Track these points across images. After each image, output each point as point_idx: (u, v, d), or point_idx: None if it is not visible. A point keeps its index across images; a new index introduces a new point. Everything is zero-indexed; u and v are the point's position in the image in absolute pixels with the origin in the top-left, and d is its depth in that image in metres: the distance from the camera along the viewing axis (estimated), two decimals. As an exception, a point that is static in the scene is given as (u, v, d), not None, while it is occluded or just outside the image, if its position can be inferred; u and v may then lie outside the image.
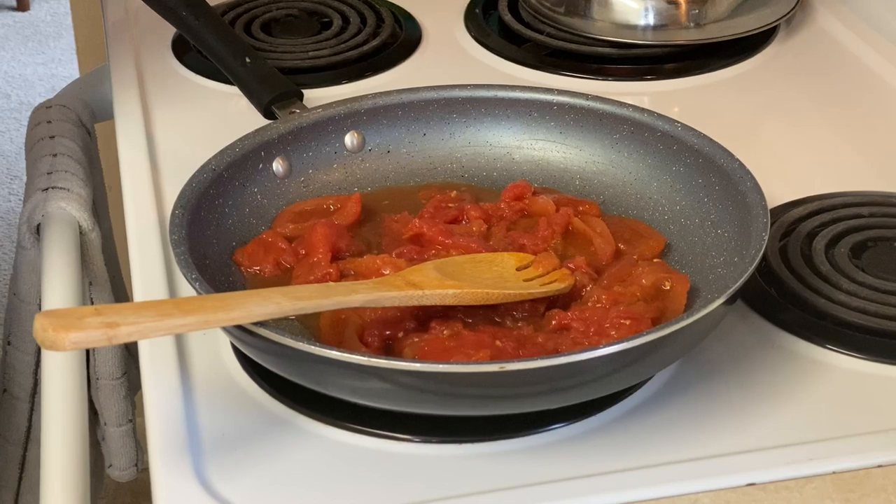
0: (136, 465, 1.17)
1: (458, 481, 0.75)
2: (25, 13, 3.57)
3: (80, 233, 1.08)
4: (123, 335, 0.69)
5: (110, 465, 1.17)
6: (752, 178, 0.86)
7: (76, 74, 2.15)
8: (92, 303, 1.12)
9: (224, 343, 0.84)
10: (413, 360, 0.76)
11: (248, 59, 1.05)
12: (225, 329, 0.77)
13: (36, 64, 3.31)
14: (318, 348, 0.73)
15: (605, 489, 0.74)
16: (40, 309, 1.10)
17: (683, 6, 1.22)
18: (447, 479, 0.75)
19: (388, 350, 0.80)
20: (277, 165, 0.94)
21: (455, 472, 0.75)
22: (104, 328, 0.68)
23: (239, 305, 0.73)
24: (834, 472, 0.74)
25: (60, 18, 3.51)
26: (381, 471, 0.76)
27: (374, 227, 0.92)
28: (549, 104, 0.97)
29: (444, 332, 0.79)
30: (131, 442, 1.16)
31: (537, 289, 0.83)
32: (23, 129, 2.98)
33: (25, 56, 3.35)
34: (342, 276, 0.86)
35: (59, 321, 0.67)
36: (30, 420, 1.18)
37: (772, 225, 0.87)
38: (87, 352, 1.07)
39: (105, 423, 1.14)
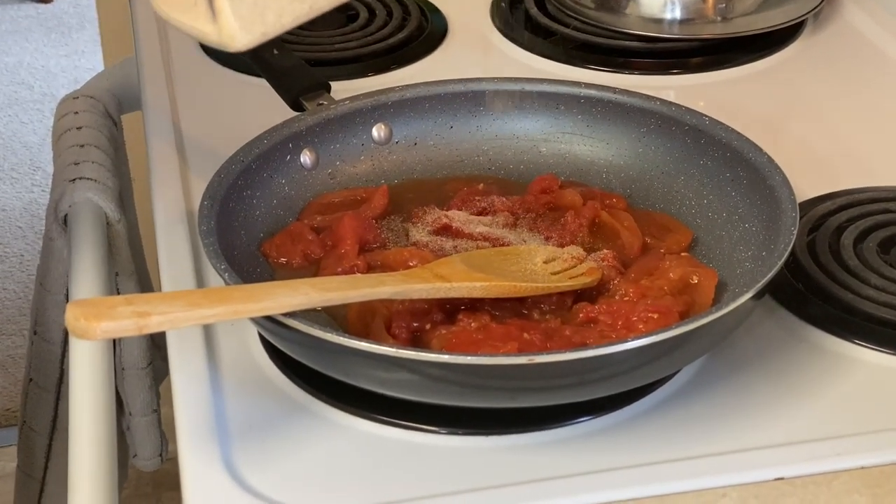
0: (160, 454, 1.17)
1: (484, 473, 0.75)
2: (48, 5, 3.58)
3: (107, 223, 1.09)
4: (154, 325, 0.69)
5: (135, 455, 1.17)
6: (781, 172, 0.86)
7: (99, 66, 2.16)
8: (118, 293, 1.12)
9: (252, 333, 0.85)
10: (441, 351, 0.76)
11: (275, 51, 1.05)
12: (253, 319, 0.77)
13: (59, 55, 3.32)
14: (346, 339, 0.73)
15: (631, 483, 0.74)
16: (67, 299, 1.11)
17: (710, 0, 1.21)
18: (473, 471, 0.75)
19: (416, 342, 0.80)
20: (305, 157, 0.94)
21: (481, 464, 0.76)
22: (135, 318, 0.68)
23: (268, 296, 0.73)
24: (862, 467, 0.74)
25: (83, 10, 3.52)
26: (406, 462, 0.76)
27: (401, 219, 0.92)
28: (577, 97, 0.97)
29: (472, 324, 0.79)
30: (156, 432, 1.16)
31: (565, 282, 0.83)
32: (45, 121, 2.99)
33: (48, 48, 3.36)
34: (369, 268, 0.86)
35: (91, 310, 0.68)
36: (55, 410, 1.19)
37: (800, 219, 0.87)
38: (113, 342, 1.08)
39: (130, 413, 1.15)
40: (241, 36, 0.76)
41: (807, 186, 0.97)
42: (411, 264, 0.85)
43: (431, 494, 0.73)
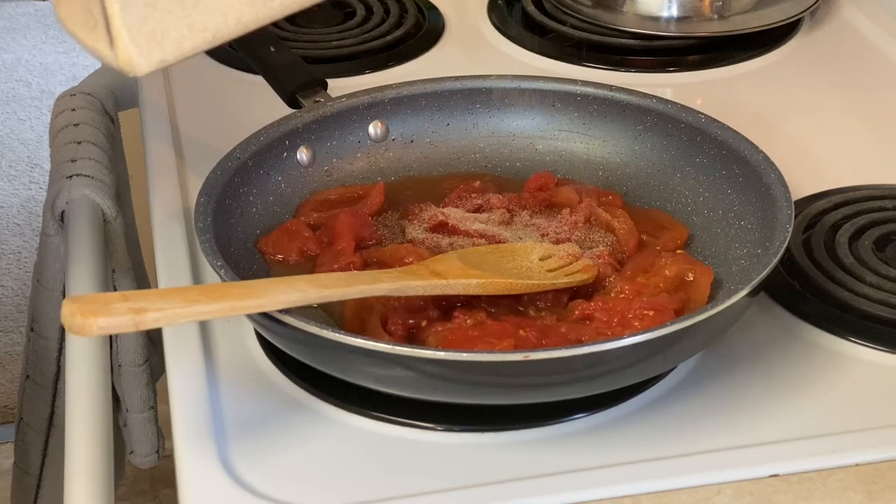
0: (157, 451, 1.17)
1: (480, 470, 0.75)
2: (46, 2, 3.58)
3: (104, 220, 1.09)
4: (150, 321, 0.69)
5: (132, 452, 1.17)
6: (777, 169, 0.86)
7: (97, 63, 2.16)
8: (115, 290, 1.12)
9: (248, 330, 0.85)
10: (437, 348, 0.77)
11: (272, 49, 1.05)
12: (250, 316, 0.77)
13: (57, 53, 3.32)
14: (342, 336, 0.73)
15: (626, 479, 0.74)
16: (64, 296, 1.11)
17: (707, -2, 1.22)
18: (469, 467, 0.75)
19: (412, 338, 0.80)
20: (302, 154, 0.94)
21: (477, 460, 0.76)
22: (131, 314, 0.68)
23: (264, 293, 0.73)
24: (857, 465, 0.74)
25: (81, 7, 3.52)
26: (403, 458, 0.76)
27: (397, 216, 0.92)
28: (573, 95, 0.97)
29: (468, 321, 0.79)
30: (153, 429, 1.16)
31: (560, 279, 0.84)
32: (43, 118, 2.99)
33: (46, 45, 3.36)
34: (366, 265, 0.86)
35: (87, 306, 0.68)
36: (52, 406, 1.19)
37: (795, 217, 0.87)
38: (110, 339, 1.08)
39: (127, 410, 1.15)
40: (138, 63, 0.75)
41: (802, 184, 0.97)
42: (408, 261, 0.85)
43: (428, 491, 0.73)
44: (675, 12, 1.22)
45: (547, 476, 0.74)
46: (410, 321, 0.80)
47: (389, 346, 0.73)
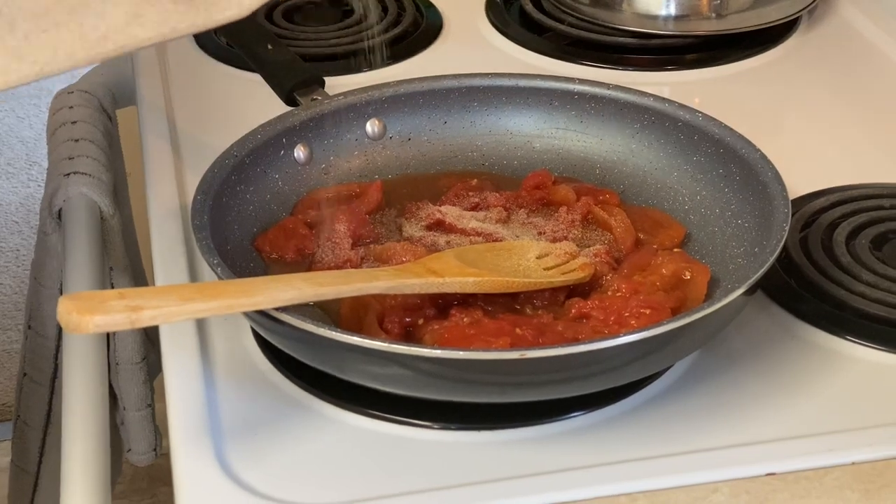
0: (154, 449, 1.17)
1: (477, 468, 0.75)
2: (45, 0, 3.58)
3: (102, 218, 1.09)
4: (146, 319, 0.69)
5: (129, 450, 1.17)
6: (774, 168, 0.86)
7: (96, 61, 2.15)
8: (112, 288, 1.12)
9: (245, 328, 0.85)
10: (433, 346, 0.77)
11: (270, 47, 1.05)
12: (246, 314, 0.77)
13: (55, 50, 3.31)
14: (339, 334, 0.73)
15: (623, 478, 0.74)
16: (62, 293, 1.11)
17: (705, -4, 1.22)
18: (465, 465, 0.75)
19: (408, 337, 0.80)
20: (299, 152, 0.94)
21: (474, 458, 0.76)
22: (128, 311, 0.68)
23: (261, 291, 0.73)
24: (853, 463, 0.74)
25: (80, 5, 3.52)
26: (400, 457, 0.76)
27: (394, 214, 0.92)
28: (570, 93, 0.97)
29: (464, 319, 0.79)
30: (150, 426, 1.16)
31: (557, 277, 0.84)
32: (42, 115, 2.98)
33: (45, 43, 3.36)
34: (362, 263, 0.86)
35: (83, 304, 0.68)
36: (50, 404, 1.19)
37: (792, 216, 0.87)
38: (108, 337, 1.08)
39: (124, 408, 1.15)
40: None
41: (800, 183, 0.97)
42: (404, 259, 0.85)
43: (424, 489, 0.73)
44: (672, 11, 1.22)
45: (543, 474, 0.74)
46: (407, 319, 0.80)
47: (386, 345, 0.73)
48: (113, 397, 1.15)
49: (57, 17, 0.71)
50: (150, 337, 1.16)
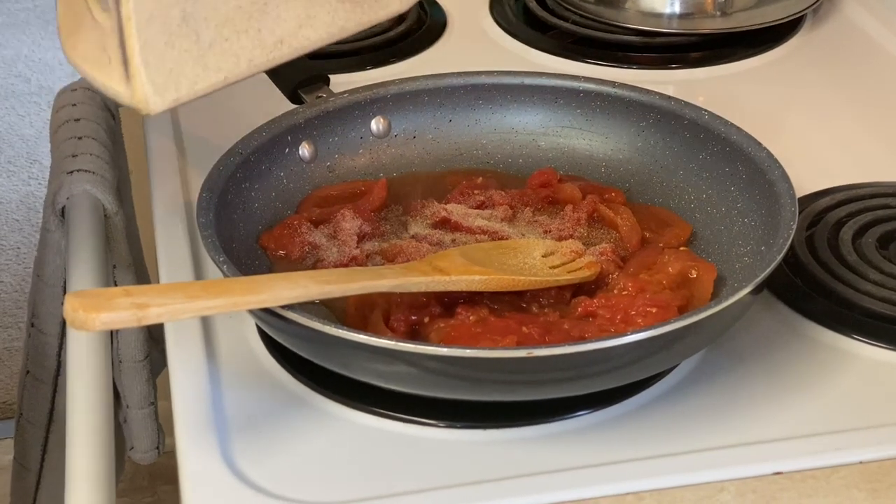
0: (157, 447, 1.17)
1: (482, 467, 0.75)
2: (46, -2, 3.58)
3: (105, 215, 1.08)
4: (152, 316, 0.69)
5: (132, 448, 1.17)
6: (780, 167, 0.86)
7: (98, 59, 2.15)
8: (116, 285, 1.12)
9: (250, 326, 0.85)
10: (439, 345, 0.76)
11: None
12: (252, 312, 0.77)
13: (56, 48, 3.31)
14: (345, 332, 0.73)
15: (629, 476, 0.74)
16: (65, 291, 1.11)
17: (709, -5, 1.22)
18: (471, 464, 0.75)
19: (414, 335, 0.80)
20: (304, 150, 0.94)
21: (479, 457, 0.76)
22: (133, 309, 0.68)
23: (267, 289, 0.73)
24: (861, 462, 0.74)
25: (81, 3, 3.52)
26: (405, 455, 0.76)
27: (399, 212, 0.92)
28: (576, 91, 0.97)
29: (471, 317, 0.79)
30: (153, 425, 1.16)
31: (563, 276, 0.83)
32: (43, 113, 2.99)
33: (46, 40, 3.35)
34: (368, 261, 0.86)
35: (89, 301, 0.68)
36: (52, 402, 1.19)
37: (799, 214, 0.87)
38: (111, 335, 1.08)
39: (127, 406, 1.14)
40: (154, 100, 0.76)
41: (806, 181, 0.97)
42: (410, 257, 0.84)
43: (430, 487, 0.73)
44: (677, 9, 1.21)
45: (550, 473, 0.74)
46: (413, 317, 0.80)
47: (392, 343, 0.73)
48: (116, 395, 1.15)
49: (237, 25, 0.73)
50: (153, 335, 1.15)
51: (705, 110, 0.93)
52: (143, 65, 0.74)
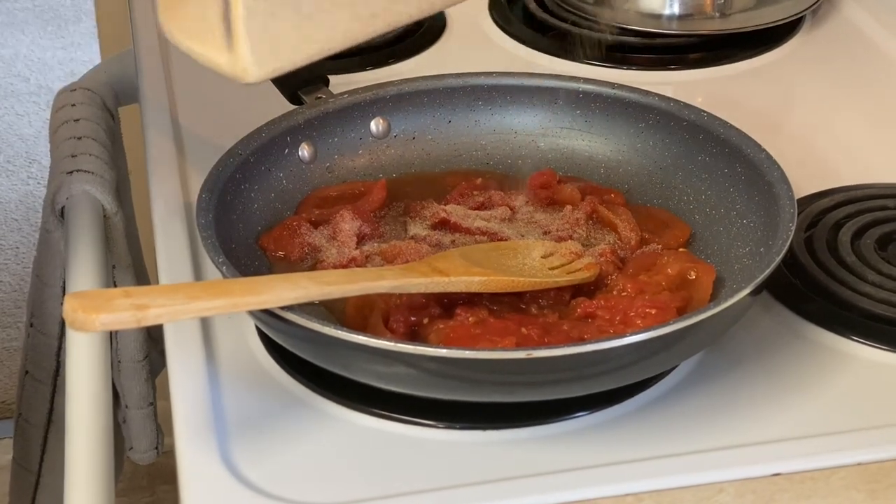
0: (156, 447, 1.17)
1: (482, 468, 0.75)
2: (45, -3, 3.57)
3: (104, 216, 1.08)
4: (152, 317, 0.69)
5: (131, 448, 1.17)
6: (780, 168, 0.86)
7: (95, 58, 2.15)
8: (115, 286, 1.12)
9: (249, 327, 0.85)
10: (439, 346, 0.76)
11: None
12: (251, 313, 0.77)
13: (55, 48, 3.31)
14: (344, 333, 0.73)
15: (628, 478, 0.74)
16: (64, 292, 1.11)
17: (708, -4, 1.22)
18: (470, 465, 0.75)
19: (414, 336, 0.80)
20: (303, 151, 0.94)
21: (478, 458, 0.76)
22: (133, 310, 0.68)
23: (267, 289, 0.73)
24: (859, 463, 0.74)
25: (80, 2, 3.52)
26: (404, 456, 0.76)
27: (399, 213, 0.92)
28: (575, 92, 0.97)
29: (470, 318, 0.79)
30: (152, 425, 1.16)
31: (563, 277, 0.83)
32: (42, 113, 2.99)
33: (45, 40, 3.35)
34: (367, 262, 0.86)
35: (89, 302, 0.68)
36: (52, 402, 1.19)
37: (798, 216, 0.87)
38: (110, 335, 1.08)
39: (126, 406, 1.15)
40: (254, 70, 0.77)
41: (805, 183, 0.97)
42: (410, 258, 0.85)
43: (429, 488, 0.73)
44: (676, 10, 1.22)
45: (549, 474, 0.74)
46: (412, 318, 0.80)
47: (391, 344, 0.73)
48: (115, 395, 1.15)
49: None
50: (152, 335, 1.16)
51: (704, 111, 0.93)
52: (247, 34, 0.75)
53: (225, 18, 0.74)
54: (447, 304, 0.81)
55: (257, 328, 0.84)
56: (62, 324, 1.13)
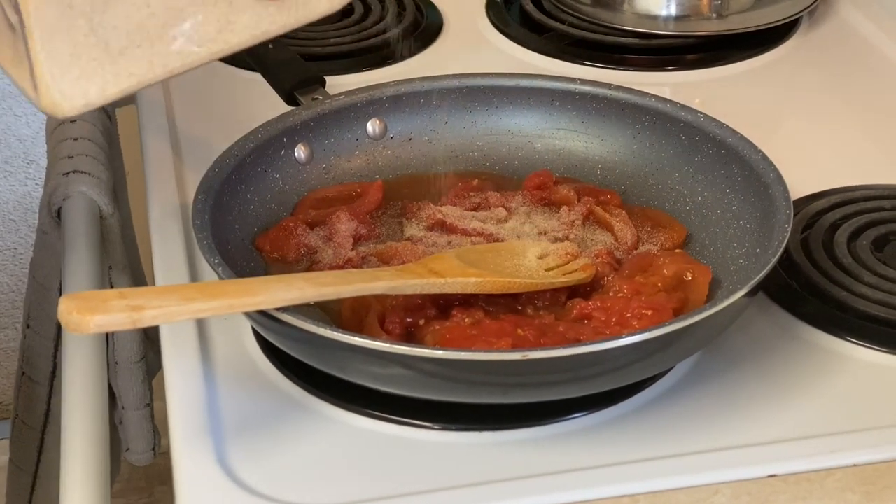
0: (153, 448, 1.17)
1: (478, 469, 0.75)
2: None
3: (101, 217, 1.08)
4: (148, 319, 0.69)
5: (128, 449, 1.17)
6: (776, 169, 0.86)
7: (94, 59, 2.14)
8: (111, 287, 1.12)
9: (245, 328, 0.85)
10: (435, 347, 0.76)
11: (270, 45, 1.05)
12: (248, 314, 0.77)
13: (53, 49, 3.31)
14: (340, 335, 0.73)
15: (624, 479, 0.74)
16: (60, 293, 1.11)
17: (705, -3, 1.22)
18: (466, 466, 0.75)
19: (410, 337, 0.80)
20: (299, 152, 0.94)
21: (474, 459, 0.76)
22: (129, 311, 0.68)
23: (262, 291, 0.73)
24: (855, 465, 0.74)
25: (78, 3, 3.52)
26: (400, 457, 0.76)
27: (395, 214, 0.92)
28: (572, 93, 0.97)
29: (466, 319, 0.79)
30: (149, 426, 1.16)
31: (559, 278, 0.83)
32: (39, 114, 2.97)
33: (43, 41, 3.35)
34: (363, 263, 0.86)
35: (84, 304, 0.68)
36: (48, 403, 1.19)
37: (794, 217, 0.87)
38: (107, 336, 1.08)
39: (123, 407, 1.14)
40: (62, 107, 0.76)
41: (801, 184, 0.97)
42: (405, 260, 0.85)
43: (425, 490, 0.73)
44: (673, 11, 1.22)
45: (544, 475, 0.74)
46: (408, 320, 0.80)
47: (387, 345, 0.73)
48: (111, 396, 1.15)
49: (150, 32, 0.72)
50: (148, 336, 1.15)
51: (701, 113, 0.93)
52: (49, 74, 0.74)
53: (28, 59, 0.74)
54: (443, 305, 0.81)
55: (253, 330, 0.84)
56: (59, 325, 1.13)
